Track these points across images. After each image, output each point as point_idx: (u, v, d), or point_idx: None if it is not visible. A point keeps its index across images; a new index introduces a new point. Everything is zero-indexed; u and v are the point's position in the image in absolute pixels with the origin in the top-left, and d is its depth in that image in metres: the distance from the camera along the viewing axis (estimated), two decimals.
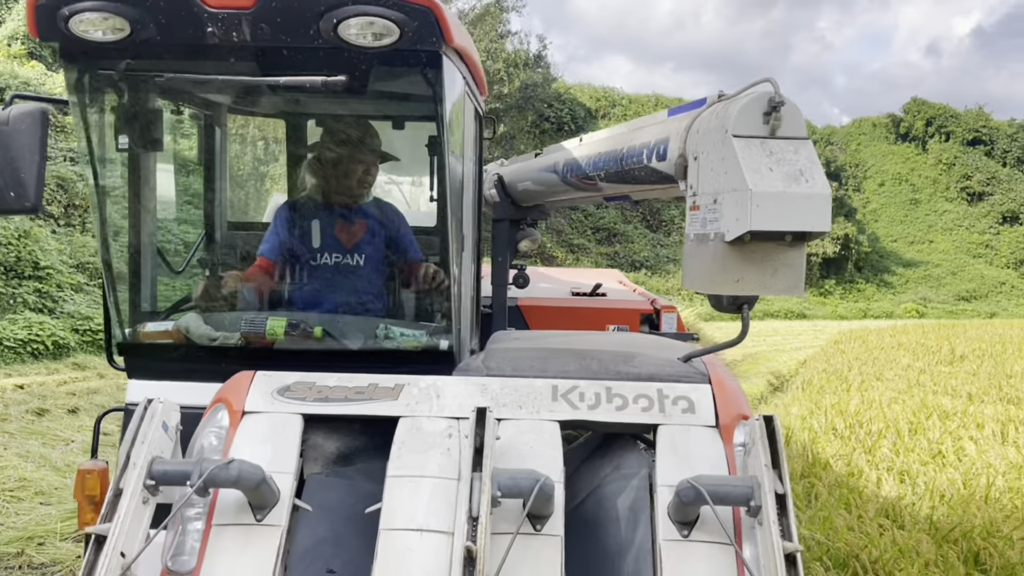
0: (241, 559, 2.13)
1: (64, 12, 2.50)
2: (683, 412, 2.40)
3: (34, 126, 2.73)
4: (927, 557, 3.72)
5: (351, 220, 3.41)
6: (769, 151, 2.21)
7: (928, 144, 52.49)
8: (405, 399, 2.46)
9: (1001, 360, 14.63)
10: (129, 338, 3.10)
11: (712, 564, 2.08)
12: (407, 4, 2.49)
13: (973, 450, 6.43)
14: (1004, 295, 43.46)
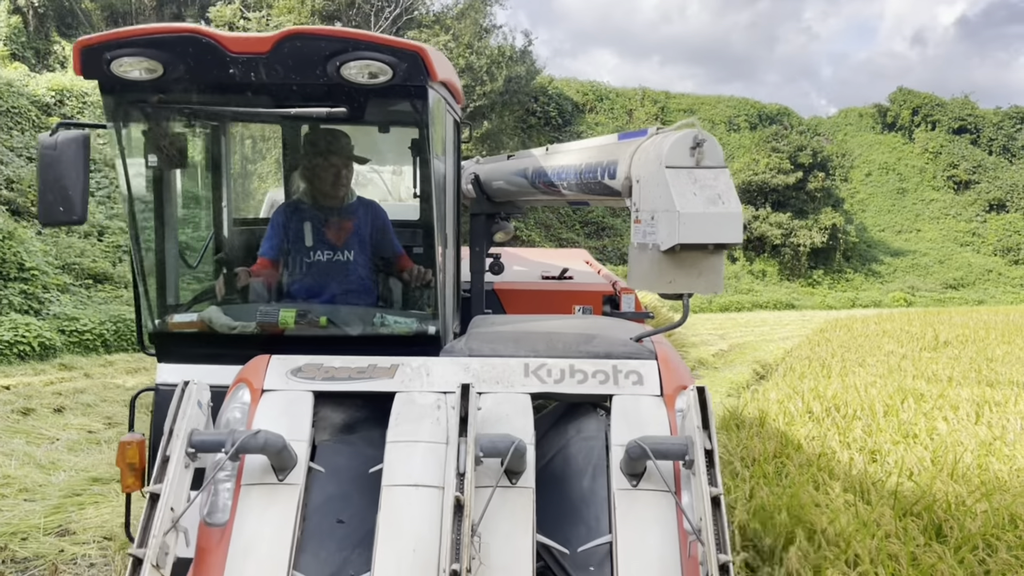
0: (267, 512, 2.55)
1: (107, 56, 2.94)
2: (633, 384, 2.87)
3: (78, 150, 3.20)
4: (887, 529, 3.80)
5: (338, 219, 3.87)
6: (694, 179, 2.72)
7: (914, 133, 52.71)
8: (400, 377, 2.90)
9: (984, 345, 14.76)
10: (158, 327, 3.53)
11: (656, 509, 2.53)
12: (398, 49, 2.93)
13: (945, 430, 6.53)
14: (991, 283, 43.72)
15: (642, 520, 2.52)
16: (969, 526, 3.94)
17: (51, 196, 3.18)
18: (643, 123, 47.79)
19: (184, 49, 2.96)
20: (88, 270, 16.89)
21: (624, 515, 2.52)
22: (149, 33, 2.97)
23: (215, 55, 2.98)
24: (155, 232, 3.71)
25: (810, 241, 39.03)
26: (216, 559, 2.48)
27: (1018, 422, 7.20)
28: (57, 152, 3.17)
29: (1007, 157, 52.52)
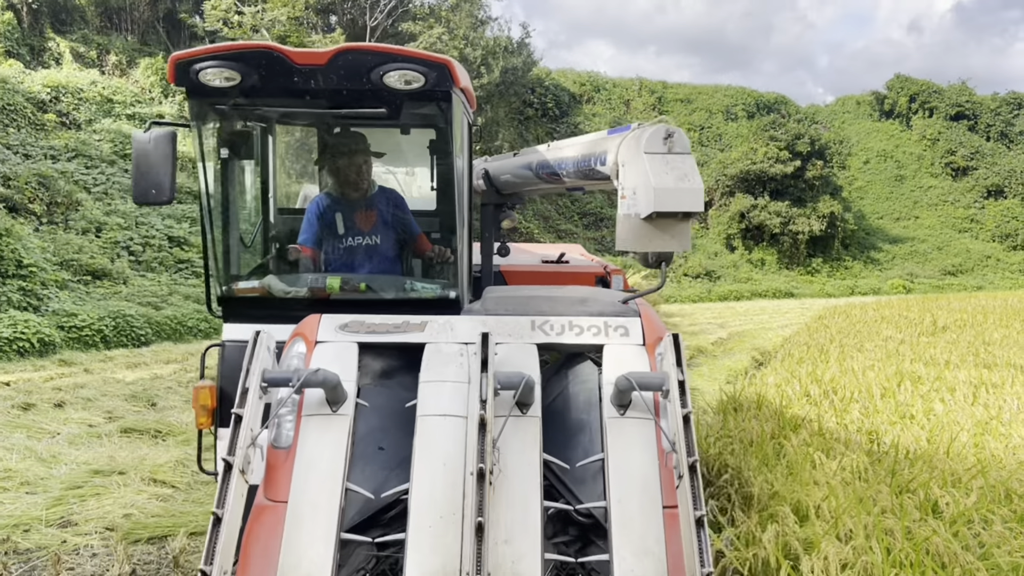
0: (323, 437, 3.10)
1: (195, 67, 3.60)
2: (621, 336, 3.47)
3: (168, 144, 3.86)
4: (884, 505, 3.83)
5: (364, 210, 4.58)
6: (666, 162, 3.44)
7: (912, 120, 52.68)
8: (429, 331, 3.46)
9: (982, 330, 14.79)
10: (225, 293, 4.21)
11: (639, 432, 3.11)
12: (430, 61, 3.64)
13: (941, 410, 6.56)
14: (990, 268, 43.75)
15: (628, 441, 3.10)
16: (964, 501, 3.97)
17: (144, 182, 3.84)
18: (640, 113, 47.71)
19: (258, 61, 3.64)
20: (86, 266, 16.90)
21: (613, 438, 3.11)
22: (230, 49, 3.66)
23: (283, 66, 3.66)
24: (222, 215, 4.39)
25: (808, 229, 39.03)
26: (283, 474, 3.05)
27: (1014, 402, 7.23)
28: (150, 145, 3.84)
29: (1005, 143, 52.49)
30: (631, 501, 2.95)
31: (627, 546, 2.88)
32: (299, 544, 2.92)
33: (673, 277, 35.08)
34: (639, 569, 2.83)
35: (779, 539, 3.42)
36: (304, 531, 2.96)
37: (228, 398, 3.90)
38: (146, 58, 27.46)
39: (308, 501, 3.00)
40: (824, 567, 3.08)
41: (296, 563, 2.87)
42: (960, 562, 3.23)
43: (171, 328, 15.51)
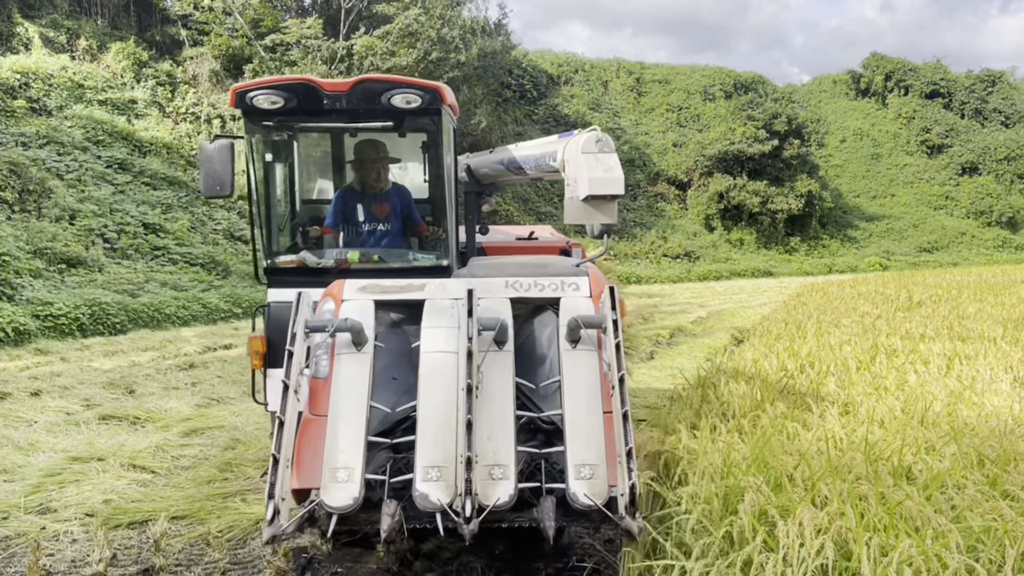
0: (351, 369, 4.16)
1: (250, 94, 5.04)
2: (573, 291, 4.57)
3: (228, 152, 5.09)
4: (858, 472, 3.88)
5: (380, 203, 5.86)
6: (597, 159, 4.75)
7: (888, 99, 53.01)
8: (428, 290, 4.51)
9: (956, 304, 14.97)
10: (269, 265, 5.51)
11: (586, 360, 4.20)
12: (426, 87, 5.08)
13: (915, 382, 6.65)
14: (965, 245, 44.27)
15: (578, 365, 4.19)
16: (937, 467, 4.03)
17: (211, 181, 5.01)
18: (619, 95, 47.64)
19: (297, 89, 5.07)
20: (61, 254, 16.71)
21: (567, 364, 4.20)
22: (277, 81, 5.08)
23: (316, 92, 5.08)
24: (266, 205, 5.57)
25: (786, 208, 39.28)
26: (323, 396, 4.16)
27: (987, 373, 7.34)
28: (214, 152, 5.01)
29: (979, 120, 52.98)
30: (579, 408, 4.03)
31: (577, 440, 3.93)
32: (337, 446, 3.94)
33: (653, 258, 35.24)
34: (584, 456, 3.89)
35: (755, 507, 3.46)
36: (340, 436, 3.96)
37: (274, 345, 5.15)
38: (117, 42, 27.04)
39: (342, 415, 4.03)
40: (799, 532, 3.13)
41: (335, 459, 3.90)
42: (932, 525, 3.29)
43: (148, 316, 15.39)
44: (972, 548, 3.22)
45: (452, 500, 3.76)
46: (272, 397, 5.15)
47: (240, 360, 12.15)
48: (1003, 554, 3.00)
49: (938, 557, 3.02)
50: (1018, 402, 6.08)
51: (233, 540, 5.40)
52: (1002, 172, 49.11)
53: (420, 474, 3.81)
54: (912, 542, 3.03)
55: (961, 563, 2.97)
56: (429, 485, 3.80)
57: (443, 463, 3.84)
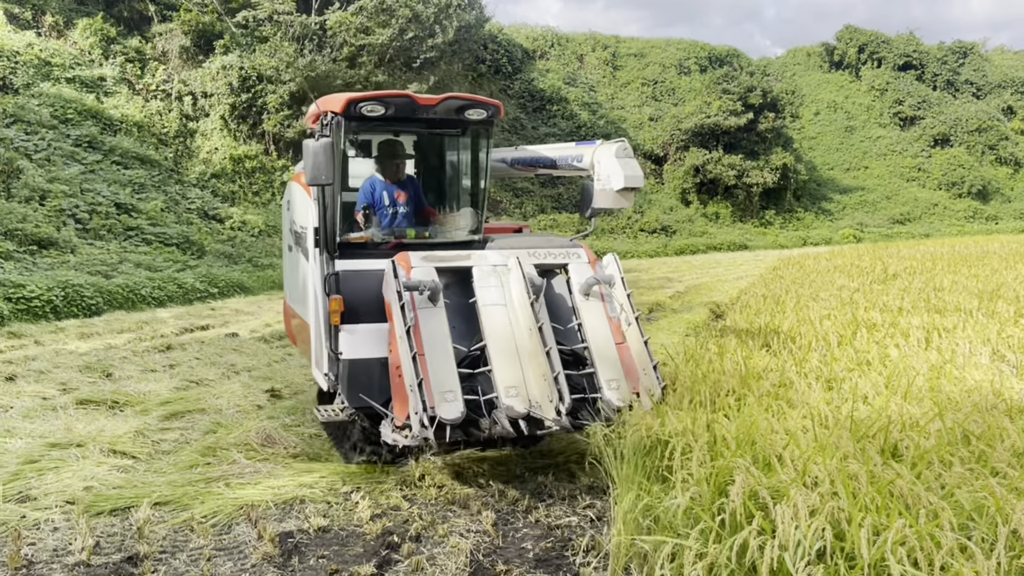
0: (433, 319, 5.66)
1: (358, 104, 6.14)
2: (576, 258, 6.36)
3: (328, 149, 5.83)
4: (845, 451, 3.90)
5: (400, 189, 7.10)
6: (627, 162, 6.31)
7: (861, 71, 53.18)
8: (473, 259, 6.12)
9: (931, 276, 15.11)
10: (342, 240, 6.46)
11: (597, 307, 6.03)
12: (490, 104, 6.47)
13: (897, 356, 6.70)
14: (937, 216, 44.74)
15: (592, 312, 6.02)
16: (924, 444, 4.06)
17: (317, 171, 5.81)
18: (595, 68, 47.38)
19: (396, 103, 6.28)
20: (32, 236, 16.39)
21: (583, 310, 6.03)
22: (381, 95, 6.20)
23: (412, 105, 6.33)
24: (339, 193, 6.45)
25: (762, 181, 39.41)
26: (416, 339, 5.49)
27: (966, 346, 7.42)
28: (319, 148, 5.79)
29: (951, 92, 53.35)
30: (600, 341, 5.83)
31: (603, 362, 5.71)
32: (440, 376, 5.37)
33: (629, 233, 35.27)
34: (610, 374, 5.65)
35: (746, 489, 3.46)
36: (440, 368, 5.40)
37: (350, 305, 6.09)
38: (84, 18, 26.40)
39: (437, 353, 5.48)
40: (795, 514, 3.14)
41: (442, 384, 5.33)
42: (924, 503, 3.31)
43: (123, 297, 15.17)
44: (964, 526, 3.25)
45: (529, 407, 5.34)
46: (345, 347, 6.05)
47: (219, 341, 12.02)
48: (995, 532, 3.03)
49: (931, 536, 3.04)
50: (998, 376, 6.15)
51: (218, 526, 5.35)
52: (973, 143, 49.57)
53: (503, 392, 5.38)
54: (905, 522, 3.05)
55: (954, 541, 2.99)
56: (511, 399, 5.35)
57: (517, 383, 5.42)
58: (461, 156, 7.40)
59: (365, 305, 6.13)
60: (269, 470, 6.32)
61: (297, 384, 9.22)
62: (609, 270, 6.22)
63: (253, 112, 26.97)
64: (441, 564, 4.87)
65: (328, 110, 6.33)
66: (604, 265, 6.26)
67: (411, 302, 5.61)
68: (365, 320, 6.13)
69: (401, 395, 5.50)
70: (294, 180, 7.67)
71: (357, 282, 6.22)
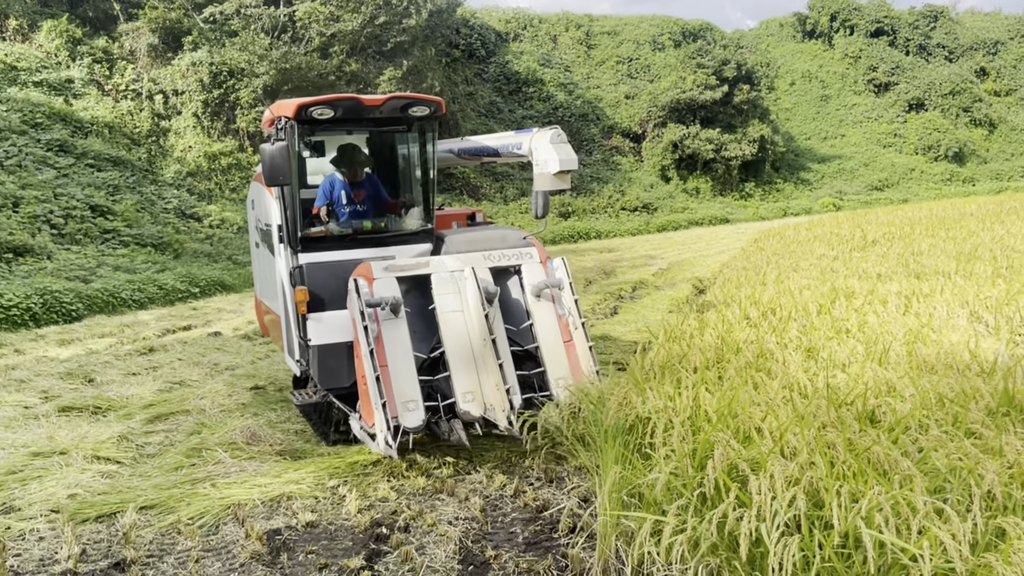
0: (395, 330, 6.01)
1: (308, 108, 6.39)
2: (529, 259, 6.64)
3: (284, 152, 6.14)
4: (823, 420, 3.92)
5: (357, 190, 7.40)
6: (559, 146, 6.66)
7: (834, 39, 53.21)
8: (433, 266, 6.36)
9: (910, 241, 15.22)
10: (304, 235, 6.82)
11: (547, 309, 6.47)
12: (432, 102, 6.76)
13: (875, 322, 6.75)
14: (914, 181, 44.97)
15: (543, 311, 6.43)
16: (900, 409, 4.09)
17: (275, 172, 6.12)
18: (569, 48, 47.16)
19: (343, 105, 6.55)
20: (6, 243, 16.19)
21: (535, 311, 6.43)
22: (329, 99, 6.50)
23: (359, 106, 6.62)
24: (300, 190, 6.89)
25: (740, 154, 39.43)
26: (380, 351, 5.88)
27: (944, 309, 7.48)
28: (275, 151, 6.10)
29: (923, 56, 53.50)
30: (550, 341, 6.32)
31: (550, 359, 6.25)
32: (402, 386, 5.81)
33: (611, 212, 35.25)
34: (559, 372, 6.19)
35: (725, 462, 3.48)
36: (403, 379, 5.83)
37: (314, 295, 6.57)
38: (48, 20, 26.00)
39: (400, 364, 5.87)
40: (771, 485, 3.15)
41: (403, 394, 5.78)
42: (900, 468, 3.34)
43: (103, 301, 15.03)
44: (940, 489, 3.28)
45: (484, 411, 5.85)
46: (313, 334, 6.47)
47: (201, 341, 11.95)
48: (970, 493, 3.06)
49: (908, 501, 3.07)
50: (974, 337, 6.20)
51: (205, 527, 5.34)
52: (947, 107, 49.78)
53: (460, 398, 5.86)
54: (881, 488, 3.07)
55: (930, 505, 3.02)
56: (468, 404, 5.84)
57: (473, 388, 5.90)
58: (410, 150, 7.79)
59: (329, 294, 6.64)
60: (255, 468, 6.30)
61: (281, 380, 9.19)
62: (559, 274, 6.57)
63: (226, 108, 26.70)
64: (430, 553, 4.88)
65: (281, 115, 6.63)
66: (555, 268, 6.61)
67: (375, 317, 5.99)
68: (330, 308, 6.62)
69: (368, 400, 5.83)
70: (256, 180, 8.07)
71: (321, 273, 6.71)
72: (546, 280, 6.47)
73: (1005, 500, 3.10)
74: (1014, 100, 52.99)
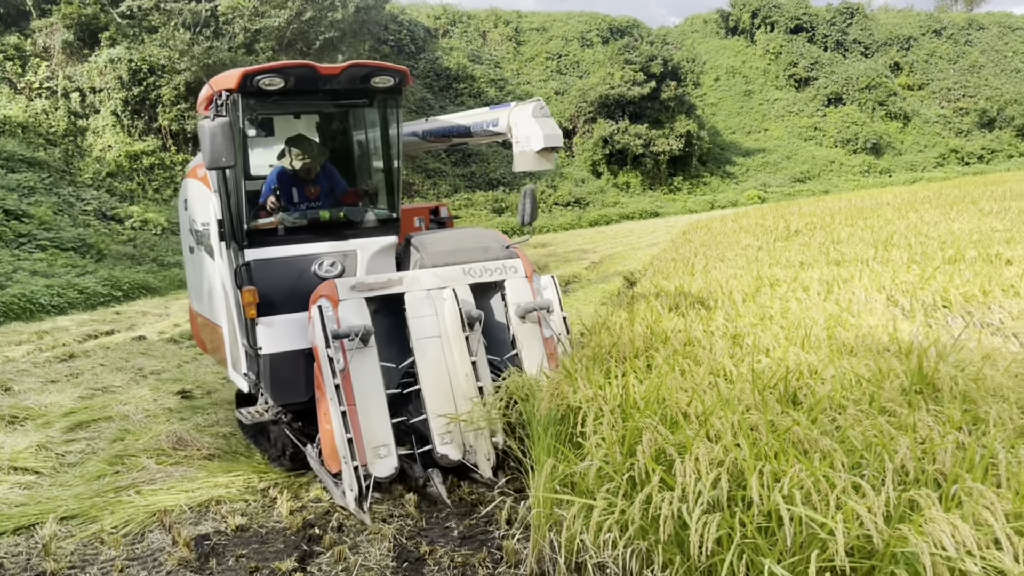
0: (364, 362, 5.31)
1: (254, 78, 5.54)
2: (513, 272, 6.01)
3: (227, 129, 5.26)
4: (747, 403, 4.02)
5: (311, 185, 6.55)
6: (542, 120, 5.94)
7: (756, 36, 54.48)
8: (405, 283, 5.69)
9: (830, 230, 15.69)
10: (251, 227, 5.94)
11: (533, 335, 5.83)
12: (396, 71, 5.92)
13: (797, 309, 6.95)
14: (834, 172, 46.37)
15: (530, 338, 5.84)
16: (820, 390, 4.22)
17: (216, 153, 5.24)
18: (498, 44, 47.23)
19: (295, 73, 5.67)
20: None
21: (520, 335, 5.84)
22: (279, 66, 5.62)
23: (313, 74, 5.74)
24: (245, 175, 5.98)
25: (668, 149, 40.08)
26: (348, 387, 5.22)
27: (863, 294, 7.75)
28: (216, 128, 5.22)
29: (841, 52, 55.18)
30: (535, 365, 5.67)
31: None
32: (372, 429, 5.18)
33: (544, 207, 35.44)
34: None
35: (653, 447, 3.54)
36: (373, 421, 5.20)
37: (264, 296, 5.73)
38: None
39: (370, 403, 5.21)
40: (696, 467, 3.22)
41: (373, 439, 5.18)
42: (819, 447, 3.44)
43: (20, 307, 14.45)
44: (857, 465, 3.40)
45: (463, 455, 5.35)
46: (264, 341, 5.71)
47: (125, 346, 11.59)
48: (884, 468, 3.18)
49: (826, 477, 3.17)
50: (891, 320, 6.44)
51: (130, 535, 5.19)
52: (864, 101, 51.47)
53: (438, 440, 5.27)
54: (801, 466, 3.16)
55: (847, 481, 3.12)
56: (446, 447, 5.29)
57: (452, 427, 5.33)
58: (370, 132, 6.84)
59: (281, 295, 5.81)
60: (182, 473, 6.15)
61: (209, 384, 8.98)
62: (548, 294, 6.03)
63: (147, 106, 25.92)
64: (364, 551, 4.84)
65: (222, 88, 5.73)
66: (543, 287, 6.05)
67: (341, 347, 5.26)
68: (283, 310, 5.77)
69: (329, 442, 5.26)
70: (189, 177, 7.24)
71: (270, 271, 5.88)
72: (533, 302, 5.83)
73: (917, 473, 3.23)
74: (926, 94, 55.11)
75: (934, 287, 7.86)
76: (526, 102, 6.14)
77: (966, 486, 2.98)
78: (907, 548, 2.80)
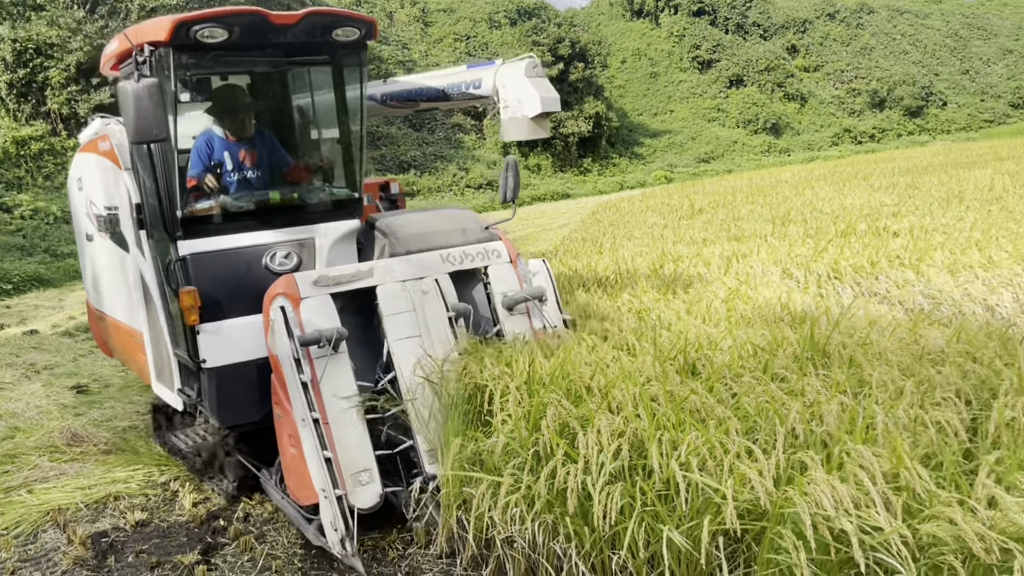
0: (335, 371, 4.47)
1: (191, 28, 4.47)
2: (496, 257, 5.27)
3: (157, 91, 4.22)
4: (648, 375, 4.12)
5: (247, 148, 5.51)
6: (537, 80, 5.28)
7: (660, 18, 55.41)
8: (377, 275, 4.80)
9: (732, 208, 16.17)
10: (187, 213, 4.93)
11: (521, 322, 5.14)
12: (362, 20, 5.06)
13: (699, 283, 7.15)
14: (737, 152, 47.71)
15: (518, 328, 5.10)
16: (718, 360, 4.36)
17: (144, 123, 4.19)
18: (406, 25, 46.64)
19: (242, 21, 4.62)
20: None
21: (508, 327, 5.11)
22: (223, 12, 4.56)
23: (263, 24, 4.72)
24: (175, 146, 4.79)
25: (577, 131, 40.44)
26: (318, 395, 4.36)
27: (760, 268, 8.02)
28: (142, 90, 4.16)
29: (741, 35, 56.66)
30: None
31: None
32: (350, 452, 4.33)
33: (456, 190, 35.35)
34: None
35: (557, 421, 3.59)
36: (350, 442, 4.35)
37: (207, 298, 4.78)
38: None
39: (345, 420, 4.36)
40: (598, 439, 3.28)
41: (352, 464, 4.32)
42: (715, 415, 3.56)
43: None
44: (751, 430, 3.52)
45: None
46: (208, 353, 4.80)
47: (15, 340, 11.02)
48: (775, 432, 3.30)
49: (721, 444, 3.27)
50: (786, 292, 6.69)
51: (22, 536, 4.97)
52: (764, 82, 53.06)
53: (425, 459, 4.50)
54: (698, 434, 3.26)
55: (741, 446, 3.24)
56: (434, 466, 4.42)
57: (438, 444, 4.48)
58: (327, 95, 5.71)
59: (227, 295, 4.89)
60: (77, 470, 5.91)
61: (106, 377, 8.64)
62: (539, 281, 5.27)
63: (35, 89, 24.56)
64: (272, 540, 4.76)
65: (147, 41, 4.56)
66: (532, 272, 5.30)
67: (307, 355, 4.41)
68: (231, 314, 4.87)
69: (296, 469, 4.46)
70: (86, 151, 6.16)
71: (213, 266, 4.91)
72: (523, 292, 5.10)
73: (806, 436, 3.37)
74: (821, 76, 57.18)
75: (826, 260, 8.20)
76: (517, 59, 5.35)
77: (846, 447, 3.12)
78: (793, 509, 2.92)
